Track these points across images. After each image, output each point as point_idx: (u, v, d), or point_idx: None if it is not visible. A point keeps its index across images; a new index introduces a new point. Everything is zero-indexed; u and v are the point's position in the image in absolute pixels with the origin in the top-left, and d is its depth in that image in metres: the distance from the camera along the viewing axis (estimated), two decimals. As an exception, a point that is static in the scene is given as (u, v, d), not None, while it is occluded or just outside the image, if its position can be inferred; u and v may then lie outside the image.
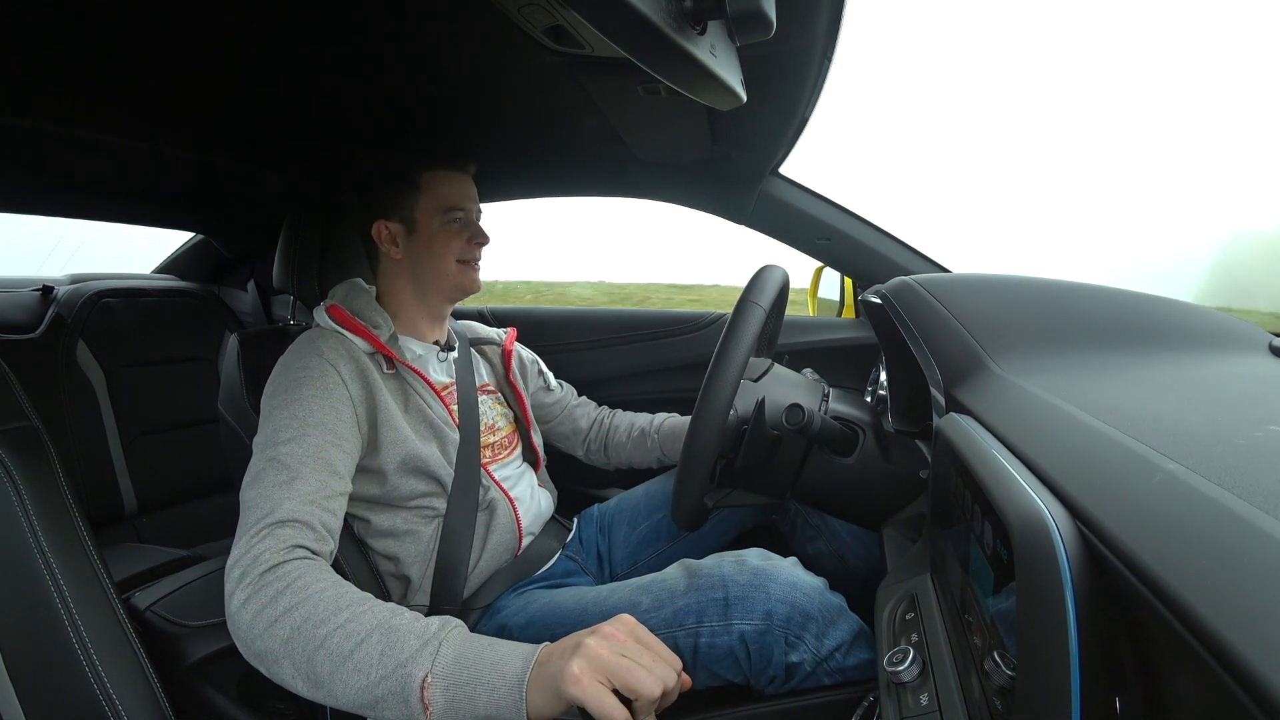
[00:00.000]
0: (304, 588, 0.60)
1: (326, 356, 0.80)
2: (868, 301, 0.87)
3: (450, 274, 0.94)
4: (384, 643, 0.56)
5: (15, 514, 0.63)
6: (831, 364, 1.33)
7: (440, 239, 0.92)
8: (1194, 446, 0.36)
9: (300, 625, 0.58)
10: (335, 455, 0.73)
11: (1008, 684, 0.37)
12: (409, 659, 0.55)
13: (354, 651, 0.56)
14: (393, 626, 0.57)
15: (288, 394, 0.76)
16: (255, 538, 0.64)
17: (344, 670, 0.56)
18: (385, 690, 0.54)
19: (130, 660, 0.65)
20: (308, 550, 0.65)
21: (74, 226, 1.53)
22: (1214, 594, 0.25)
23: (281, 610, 0.59)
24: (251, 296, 1.71)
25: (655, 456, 1.12)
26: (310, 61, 0.75)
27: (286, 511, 0.66)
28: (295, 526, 0.66)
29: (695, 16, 0.37)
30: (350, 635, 0.57)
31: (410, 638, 0.56)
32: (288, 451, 0.71)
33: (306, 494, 0.69)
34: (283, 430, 0.73)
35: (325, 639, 0.57)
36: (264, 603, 0.60)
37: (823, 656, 0.68)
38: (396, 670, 0.54)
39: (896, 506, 0.81)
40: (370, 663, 0.55)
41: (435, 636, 0.57)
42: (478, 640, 0.57)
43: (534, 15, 0.56)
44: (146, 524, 1.52)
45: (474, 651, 0.55)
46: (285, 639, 0.58)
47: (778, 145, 1.02)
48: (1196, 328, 0.72)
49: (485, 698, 0.53)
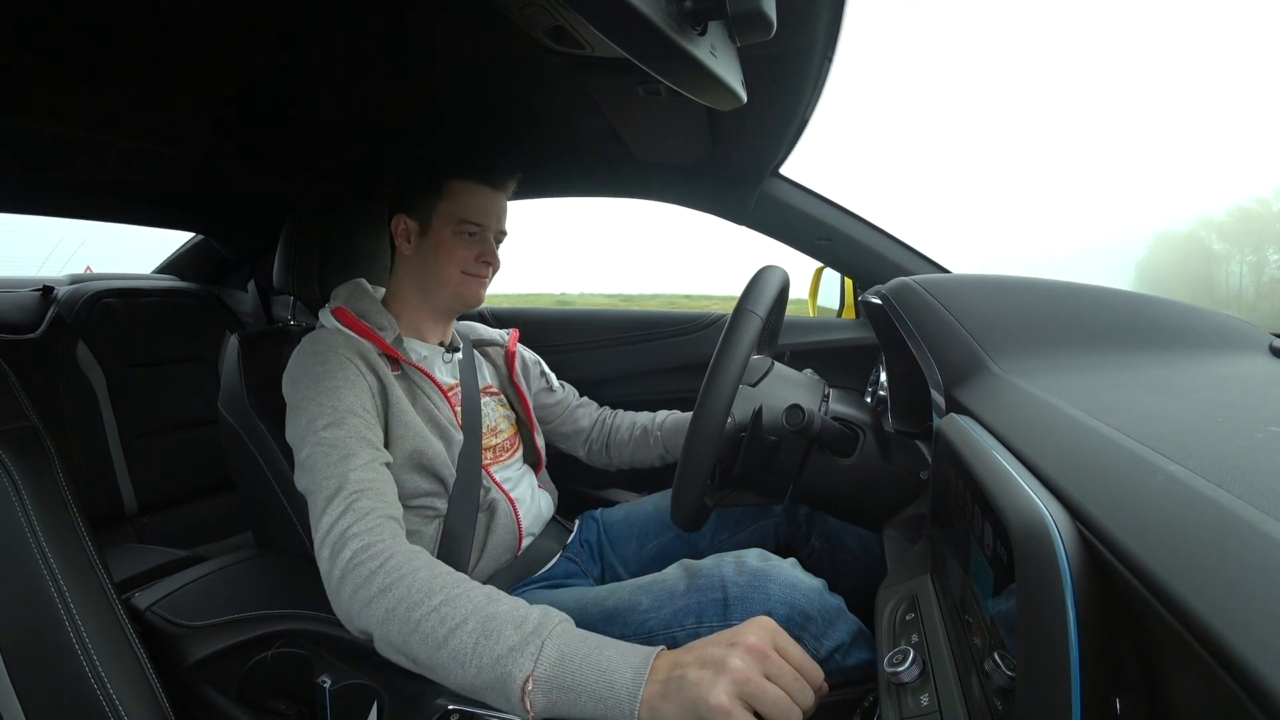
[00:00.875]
0: (397, 567, 0.61)
1: (342, 352, 0.82)
2: (868, 302, 0.87)
3: (452, 282, 0.93)
4: (479, 631, 0.54)
5: (15, 514, 0.63)
6: (831, 364, 1.33)
7: (448, 247, 0.92)
8: (1194, 447, 0.36)
9: (394, 607, 0.58)
10: (374, 436, 0.76)
11: (1008, 684, 0.36)
12: (507, 654, 0.53)
13: (449, 639, 0.55)
14: (489, 614, 0.56)
15: (315, 386, 0.78)
16: (336, 513, 0.66)
17: (440, 657, 0.55)
18: (484, 683, 0.53)
19: (130, 660, 0.65)
20: (389, 520, 0.67)
21: (74, 226, 1.53)
22: (1214, 594, 0.25)
23: (376, 590, 0.59)
24: (251, 297, 1.71)
25: (658, 454, 1.12)
26: (309, 62, 0.75)
27: (355, 482, 0.68)
28: (369, 496, 0.68)
29: (695, 17, 0.37)
30: (445, 620, 0.56)
31: (507, 628, 0.54)
32: (330, 435, 0.73)
33: (365, 464, 0.71)
34: (320, 419, 0.74)
35: (419, 623, 0.56)
36: (359, 581, 0.60)
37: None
38: (494, 665, 0.53)
39: (896, 507, 0.81)
40: (465, 652, 0.54)
41: (537, 632, 0.54)
42: (585, 640, 0.54)
43: (535, 16, 0.56)
44: (146, 524, 1.52)
45: (580, 654, 0.53)
46: (382, 620, 0.58)
47: (778, 146, 1.02)
48: (1196, 328, 0.72)
49: (591, 706, 0.50)
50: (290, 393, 0.80)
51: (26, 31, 0.64)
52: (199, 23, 0.64)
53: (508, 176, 0.95)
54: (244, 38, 0.68)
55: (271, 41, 0.69)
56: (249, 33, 0.67)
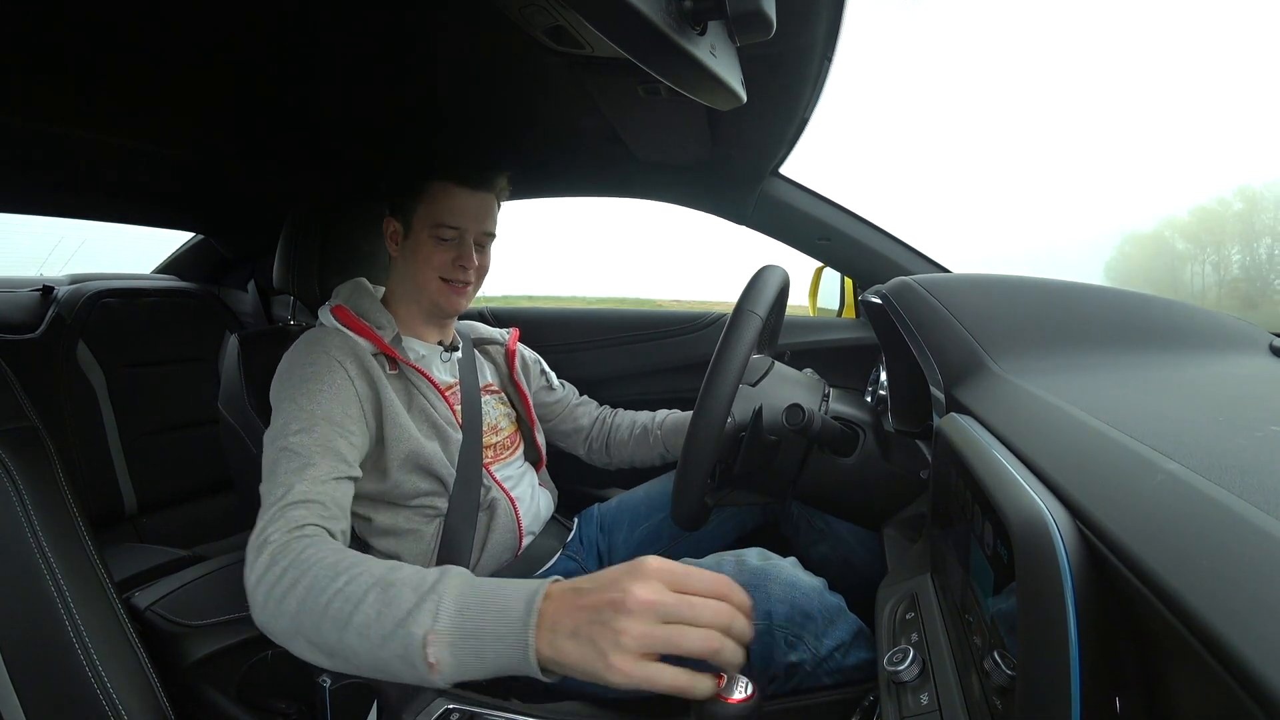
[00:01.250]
0: (307, 559, 0.59)
1: (333, 354, 0.81)
2: (868, 301, 0.87)
3: (430, 288, 0.92)
4: (381, 600, 0.53)
5: (15, 514, 0.63)
6: (831, 364, 1.33)
7: (424, 251, 0.90)
8: (1194, 446, 0.36)
9: (305, 597, 0.56)
10: (343, 446, 0.75)
11: (1008, 684, 0.37)
12: (407, 616, 0.51)
13: (353, 614, 0.53)
14: (389, 582, 0.54)
15: (296, 389, 0.77)
16: (267, 520, 0.65)
17: (348, 636, 0.53)
18: (390, 653, 0.51)
19: (130, 660, 0.65)
20: (319, 527, 0.65)
21: (74, 226, 1.53)
22: (1214, 594, 0.25)
23: (288, 585, 0.58)
24: (251, 296, 1.71)
25: (658, 453, 1.12)
26: (310, 62, 0.75)
27: (299, 493, 0.67)
28: (307, 506, 0.67)
29: (695, 16, 0.37)
30: (349, 598, 0.54)
31: (406, 591, 0.53)
32: (298, 441, 0.72)
33: (318, 476, 0.70)
34: (293, 423, 0.74)
35: (327, 606, 0.55)
36: (273, 581, 0.59)
37: (822, 656, 0.68)
38: (396, 629, 0.51)
39: (896, 506, 0.81)
40: (369, 624, 0.52)
41: (434, 589, 0.52)
42: (483, 585, 0.53)
43: (534, 16, 0.56)
44: (146, 524, 1.52)
45: (477, 600, 0.51)
46: (294, 613, 0.56)
47: (778, 145, 1.02)
48: (1196, 328, 0.72)
49: (493, 649, 0.49)
50: (274, 393, 0.79)
51: (26, 31, 0.64)
52: (199, 23, 0.64)
53: (491, 176, 0.92)
54: (244, 38, 0.68)
55: (271, 41, 0.69)
56: (249, 33, 0.67)
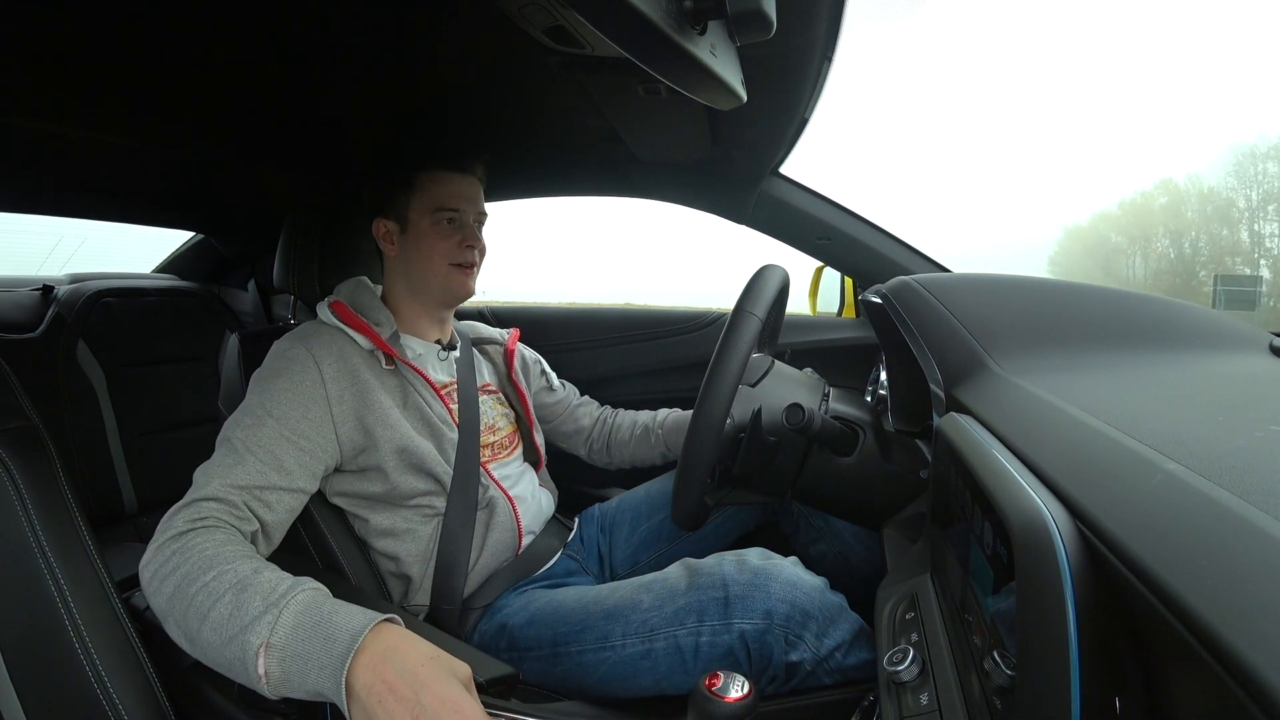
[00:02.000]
0: (193, 547, 0.60)
1: (313, 351, 0.80)
2: (868, 301, 0.87)
3: (440, 274, 0.92)
4: (234, 603, 0.54)
5: (15, 514, 0.63)
6: (831, 364, 1.33)
7: (429, 239, 0.91)
8: (1194, 446, 0.36)
9: (179, 584, 0.57)
10: (286, 451, 0.74)
11: (1007, 683, 0.37)
12: (249, 624, 0.53)
13: (210, 610, 0.54)
14: (245, 585, 0.56)
15: (263, 382, 0.78)
16: (179, 507, 0.66)
17: (204, 630, 0.54)
18: (231, 655, 0.52)
19: (130, 660, 0.64)
20: (220, 521, 0.65)
21: (74, 226, 1.53)
22: (1214, 594, 0.25)
23: (168, 571, 0.59)
24: (251, 296, 1.71)
25: (659, 452, 1.12)
26: (310, 61, 0.75)
27: (213, 490, 0.68)
28: (216, 504, 0.67)
29: (695, 16, 0.37)
30: (211, 593, 0.56)
31: (256, 599, 0.54)
32: (241, 437, 0.72)
33: (240, 480, 0.69)
34: (246, 415, 0.74)
35: (193, 597, 0.56)
36: (158, 565, 0.60)
37: (823, 656, 0.68)
38: (239, 635, 0.52)
39: (896, 506, 0.81)
40: (222, 623, 0.53)
41: (278, 601, 0.54)
42: (322, 607, 0.54)
43: (534, 15, 0.56)
44: (146, 524, 1.52)
45: (312, 621, 0.53)
46: (169, 596, 0.58)
47: (778, 145, 1.02)
48: (1196, 328, 0.72)
49: (315, 675, 0.50)
50: (250, 381, 0.80)
51: (26, 31, 0.64)
52: (199, 23, 0.64)
53: (474, 159, 0.94)
54: (244, 38, 0.68)
55: (271, 41, 0.69)
56: (249, 33, 0.67)
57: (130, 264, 1.83)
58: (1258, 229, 25.27)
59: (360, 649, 0.51)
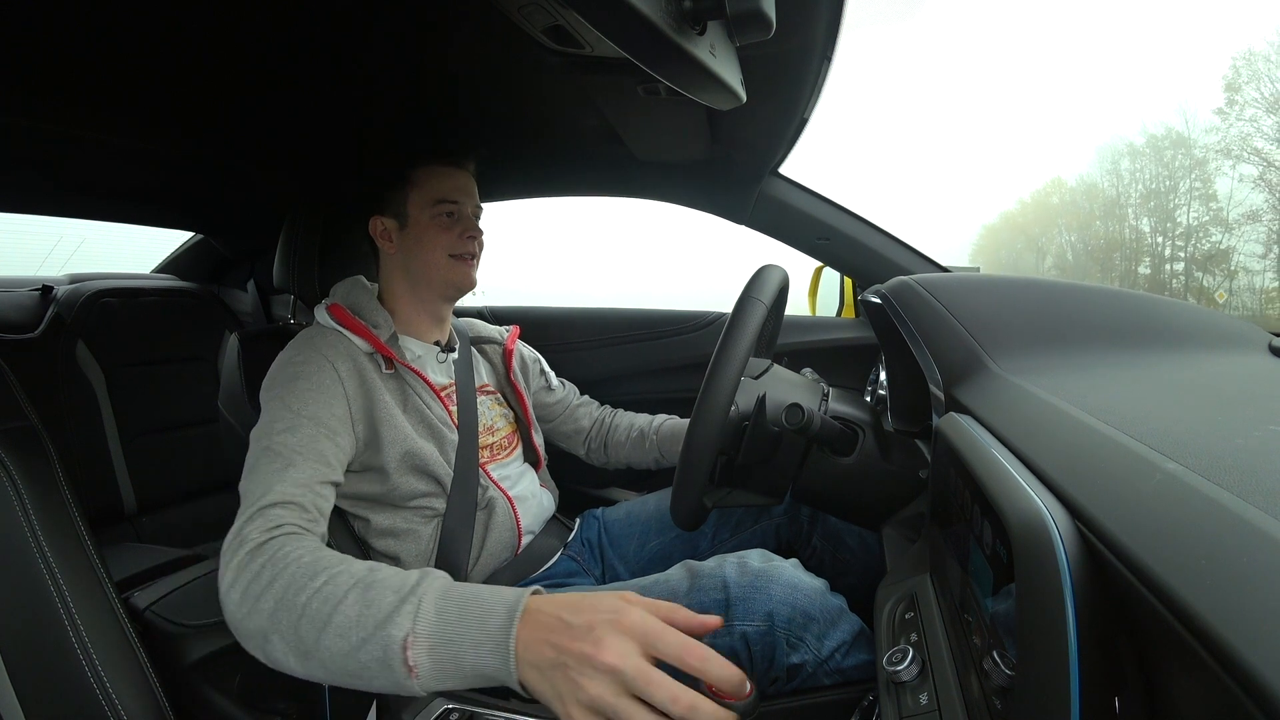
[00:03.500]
0: (283, 558, 0.58)
1: (324, 353, 0.81)
2: (867, 301, 0.87)
3: (441, 268, 0.93)
4: (361, 602, 0.52)
5: (15, 514, 0.63)
6: (831, 364, 1.33)
7: (430, 232, 0.92)
8: (1194, 446, 0.36)
9: (282, 596, 0.55)
10: (327, 447, 0.74)
11: (1007, 683, 0.37)
12: (386, 619, 0.50)
13: (332, 615, 0.52)
14: (370, 583, 0.54)
15: (284, 388, 0.77)
16: (244, 520, 0.64)
17: (326, 637, 0.52)
18: (368, 655, 0.50)
19: (130, 660, 0.65)
20: (296, 527, 0.64)
21: (74, 226, 1.53)
22: (1214, 594, 0.25)
23: (264, 584, 0.57)
24: (251, 296, 1.71)
25: (653, 458, 1.12)
26: (309, 61, 0.75)
27: (278, 494, 0.67)
28: (286, 507, 0.66)
29: (695, 16, 0.37)
30: (328, 598, 0.53)
31: (387, 594, 0.52)
32: (281, 441, 0.72)
33: (299, 479, 0.69)
34: (278, 422, 0.74)
35: (305, 606, 0.54)
36: (249, 579, 0.58)
37: (824, 657, 0.68)
38: (376, 632, 0.50)
39: (896, 506, 0.81)
40: (349, 625, 0.51)
41: (414, 591, 0.52)
42: (462, 590, 0.53)
43: (534, 15, 0.56)
44: (146, 524, 1.51)
45: (457, 604, 0.51)
46: (270, 611, 0.55)
47: (777, 145, 1.02)
48: (1196, 328, 0.72)
49: (471, 655, 0.49)
50: (264, 391, 0.80)
51: (26, 31, 0.64)
52: (199, 23, 0.64)
53: (467, 152, 0.96)
54: (244, 37, 0.68)
55: (271, 41, 0.69)
56: (249, 32, 0.67)
57: (130, 264, 1.83)
58: (1138, 224, 25.94)
59: (521, 622, 0.49)
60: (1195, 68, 25.27)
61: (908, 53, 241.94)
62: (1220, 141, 18.83)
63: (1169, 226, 23.18)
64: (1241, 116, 17.77)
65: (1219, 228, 18.66)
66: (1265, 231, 17.62)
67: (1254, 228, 17.86)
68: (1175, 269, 22.36)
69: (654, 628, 0.48)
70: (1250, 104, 17.55)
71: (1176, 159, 24.95)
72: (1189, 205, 18.87)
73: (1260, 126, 17.40)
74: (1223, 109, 18.88)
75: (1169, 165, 25.02)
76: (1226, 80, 18.33)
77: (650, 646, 0.47)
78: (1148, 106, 22.37)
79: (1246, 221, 18.03)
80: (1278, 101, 17.08)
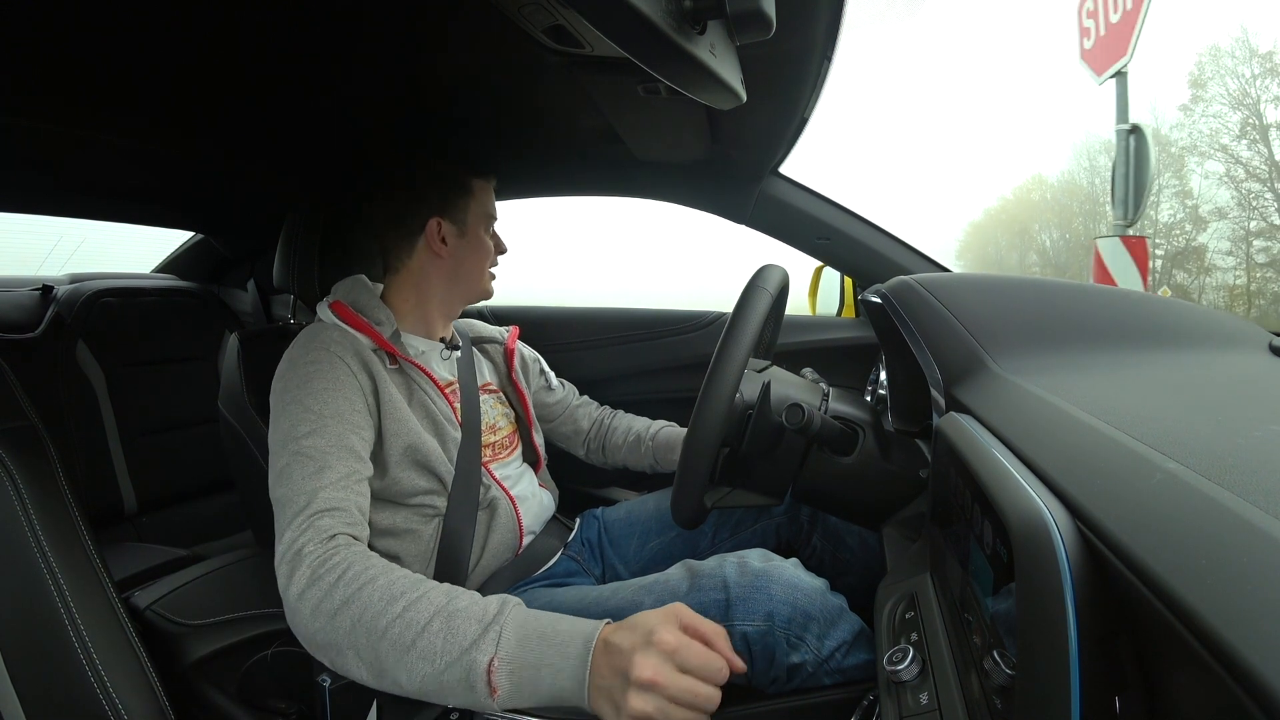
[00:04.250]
0: (356, 578, 0.62)
1: (332, 349, 0.81)
2: (868, 301, 0.87)
3: (483, 279, 0.99)
4: (445, 629, 0.58)
5: (15, 514, 0.63)
6: (831, 364, 1.33)
7: (483, 247, 0.97)
8: (1194, 446, 0.36)
9: (360, 617, 0.60)
10: (356, 442, 0.76)
11: (1007, 683, 0.37)
12: (472, 644, 0.57)
13: (416, 640, 0.58)
14: (452, 611, 0.59)
15: (300, 389, 0.77)
16: (297, 531, 0.67)
17: (409, 659, 0.57)
18: (451, 677, 0.56)
19: (130, 660, 0.65)
20: (349, 537, 0.68)
21: (74, 226, 1.53)
22: (1214, 594, 0.25)
23: (339, 603, 0.61)
24: (251, 296, 1.71)
25: (648, 463, 1.13)
26: (310, 61, 0.75)
27: (323, 500, 0.69)
28: (332, 515, 0.68)
29: (695, 16, 0.37)
30: (410, 624, 0.58)
31: (470, 623, 0.58)
32: (310, 444, 0.72)
33: (337, 480, 0.71)
34: (300, 424, 0.74)
35: (386, 630, 0.59)
36: (320, 596, 0.62)
37: (824, 657, 0.68)
38: (461, 657, 0.56)
39: (896, 506, 0.81)
40: (434, 650, 0.57)
41: (496, 619, 0.58)
42: (538, 618, 0.59)
43: (534, 15, 0.56)
44: (146, 524, 1.52)
45: (536, 632, 0.57)
46: (348, 630, 0.60)
47: (778, 145, 1.02)
48: (1196, 327, 0.72)
49: (549, 678, 0.55)
50: (276, 395, 0.79)
51: (26, 31, 0.64)
52: (199, 22, 0.64)
53: (494, 171, 1.01)
54: (244, 37, 0.68)
55: (271, 41, 0.69)
56: (249, 32, 0.67)
57: (130, 264, 1.83)
58: None
59: (595, 650, 0.56)
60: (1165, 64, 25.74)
61: (906, 53, 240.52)
62: (1188, 137, 18.98)
63: (1145, 224, 23.47)
64: (1207, 113, 17.88)
65: (1193, 225, 18.83)
66: (1231, 228, 17.80)
67: (1222, 225, 18.04)
68: (1154, 265, 22.60)
69: (683, 644, 0.56)
70: (1216, 99, 17.68)
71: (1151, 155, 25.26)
72: (1158, 201, 19.03)
73: (1226, 123, 17.52)
74: (1187, 105, 18.98)
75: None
76: (1192, 77, 18.45)
77: (682, 662, 0.55)
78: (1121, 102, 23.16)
79: (1215, 218, 18.19)
80: (1243, 98, 17.19)
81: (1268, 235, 17.38)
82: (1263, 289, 17.85)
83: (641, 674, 0.53)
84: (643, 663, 0.54)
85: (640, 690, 0.53)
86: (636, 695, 0.53)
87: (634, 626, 0.57)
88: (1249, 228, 17.63)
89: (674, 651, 0.55)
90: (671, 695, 0.53)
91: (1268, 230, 17.32)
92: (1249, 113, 17.29)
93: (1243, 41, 17.28)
